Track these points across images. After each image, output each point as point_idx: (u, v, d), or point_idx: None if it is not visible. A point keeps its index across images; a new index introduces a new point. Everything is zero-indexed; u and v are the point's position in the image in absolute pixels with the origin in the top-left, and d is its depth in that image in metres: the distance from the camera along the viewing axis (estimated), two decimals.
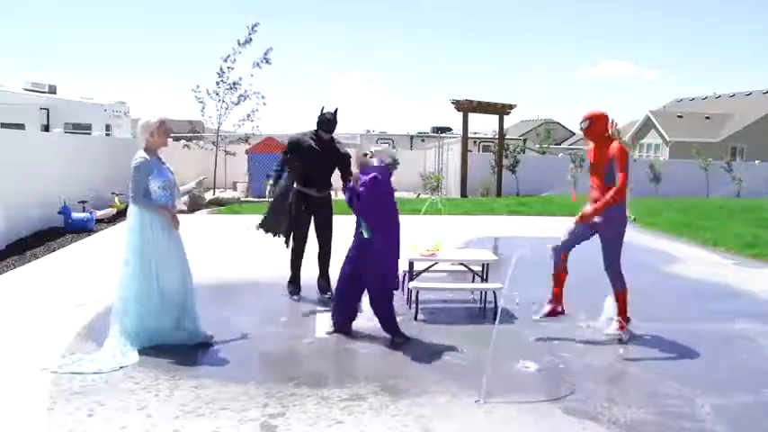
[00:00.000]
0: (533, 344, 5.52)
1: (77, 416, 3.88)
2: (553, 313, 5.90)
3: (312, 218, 6.76)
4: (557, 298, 5.89)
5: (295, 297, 6.80)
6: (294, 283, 6.88)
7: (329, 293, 6.73)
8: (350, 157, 6.71)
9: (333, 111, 6.65)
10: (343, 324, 5.67)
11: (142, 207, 5.07)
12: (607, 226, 5.63)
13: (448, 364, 4.99)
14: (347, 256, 5.62)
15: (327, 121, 6.59)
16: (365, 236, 5.34)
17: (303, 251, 6.81)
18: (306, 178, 6.64)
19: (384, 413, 4.03)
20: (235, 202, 17.43)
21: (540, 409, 4.19)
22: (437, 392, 4.38)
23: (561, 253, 5.80)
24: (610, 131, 5.67)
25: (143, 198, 5.07)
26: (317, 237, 6.82)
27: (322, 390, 4.38)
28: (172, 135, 23.05)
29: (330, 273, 6.81)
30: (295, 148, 6.65)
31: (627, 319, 5.80)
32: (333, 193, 6.92)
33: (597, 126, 5.67)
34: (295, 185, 6.70)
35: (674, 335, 5.95)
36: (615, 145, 5.59)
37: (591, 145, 5.82)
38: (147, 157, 5.14)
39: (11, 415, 3.91)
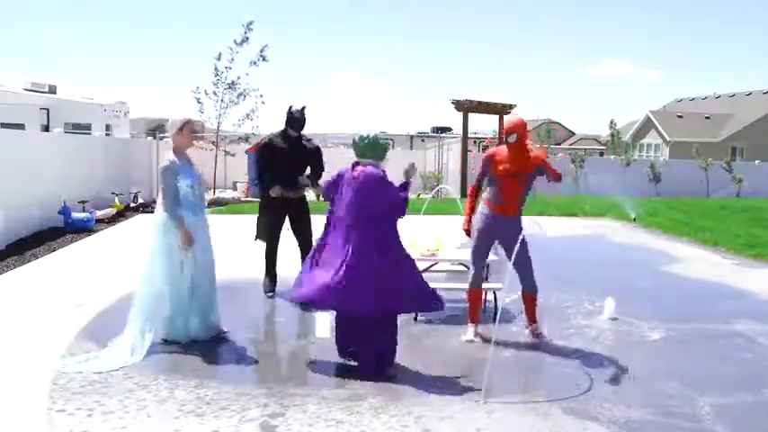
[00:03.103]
0: (533, 344, 5.51)
1: (77, 416, 3.88)
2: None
3: (288, 220, 6.77)
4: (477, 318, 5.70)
5: (269, 294, 6.81)
6: (270, 283, 6.87)
7: None
8: (320, 151, 6.78)
9: (300, 108, 6.65)
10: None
11: (169, 212, 5.06)
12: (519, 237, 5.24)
13: (448, 364, 4.98)
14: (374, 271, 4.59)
15: (296, 120, 6.60)
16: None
17: (275, 254, 6.83)
18: (281, 181, 6.60)
19: (384, 413, 4.03)
20: (235, 201, 17.42)
21: (540, 409, 4.19)
22: (437, 392, 4.38)
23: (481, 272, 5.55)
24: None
25: (171, 204, 5.06)
26: (297, 238, 6.82)
27: (322, 390, 4.38)
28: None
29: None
30: (268, 152, 6.64)
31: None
32: (306, 194, 6.92)
33: (525, 134, 5.37)
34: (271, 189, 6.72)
35: (675, 335, 5.95)
36: (538, 154, 5.45)
37: (498, 148, 5.49)
38: (174, 158, 5.16)
39: (11, 415, 3.91)
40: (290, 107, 6.65)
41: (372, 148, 4.75)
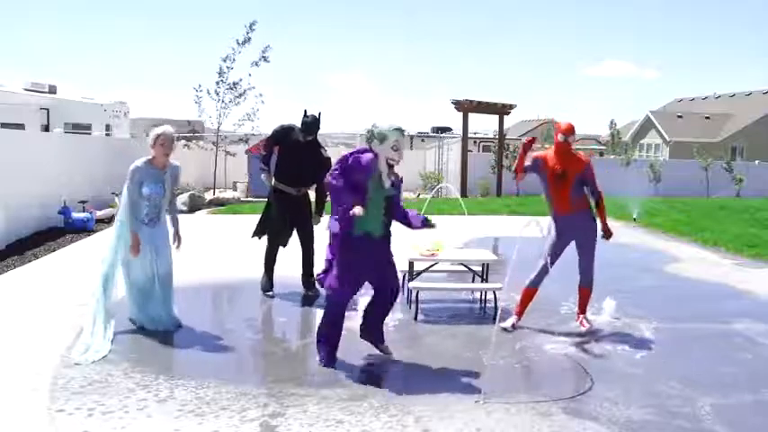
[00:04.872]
0: (533, 344, 5.52)
1: (77, 416, 3.88)
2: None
3: (290, 217, 6.76)
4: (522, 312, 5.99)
5: (270, 294, 6.80)
6: (268, 282, 6.87)
7: (313, 291, 6.73)
8: (330, 161, 6.74)
9: (316, 114, 6.63)
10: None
11: (125, 217, 5.45)
12: (591, 234, 5.92)
13: (448, 364, 4.98)
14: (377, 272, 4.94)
15: (308, 125, 6.58)
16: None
17: (277, 252, 6.83)
18: (287, 175, 6.62)
19: (384, 413, 4.03)
20: (235, 201, 17.43)
21: (540, 409, 4.19)
22: (437, 392, 4.37)
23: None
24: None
25: (127, 205, 5.42)
26: (299, 236, 6.82)
27: (322, 390, 4.38)
28: None
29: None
30: (282, 138, 6.64)
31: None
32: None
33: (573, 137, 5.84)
34: (274, 182, 6.70)
35: (675, 335, 5.95)
36: (583, 157, 5.88)
37: (547, 152, 5.86)
38: (139, 164, 5.43)
39: (11, 415, 3.91)
40: (305, 111, 6.61)
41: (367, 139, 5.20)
